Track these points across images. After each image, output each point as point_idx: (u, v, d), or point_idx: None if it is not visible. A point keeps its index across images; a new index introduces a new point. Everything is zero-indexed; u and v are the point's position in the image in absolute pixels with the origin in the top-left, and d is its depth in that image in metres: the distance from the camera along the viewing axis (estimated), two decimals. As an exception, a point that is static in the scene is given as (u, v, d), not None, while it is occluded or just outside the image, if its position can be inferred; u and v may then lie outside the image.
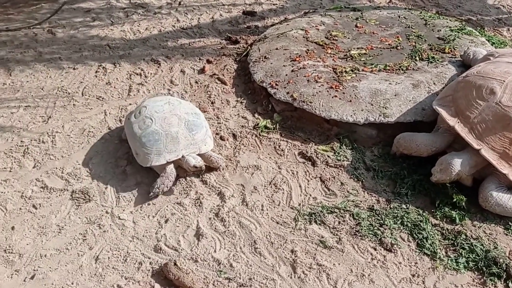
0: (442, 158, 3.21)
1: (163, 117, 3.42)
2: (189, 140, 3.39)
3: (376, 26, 4.76)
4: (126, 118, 3.59)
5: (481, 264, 2.87)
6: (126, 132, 3.56)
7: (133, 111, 3.60)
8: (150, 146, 3.33)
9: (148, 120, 3.41)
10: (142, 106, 3.55)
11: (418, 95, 3.75)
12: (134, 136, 3.40)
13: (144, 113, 3.47)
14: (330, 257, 2.93)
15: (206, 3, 5.64)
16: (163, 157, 3.32)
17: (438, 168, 3.19)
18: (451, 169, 3.13)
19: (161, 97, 3.69)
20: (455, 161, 3.13)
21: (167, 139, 3.35)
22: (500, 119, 3.10)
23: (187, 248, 2.97)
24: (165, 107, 3.50)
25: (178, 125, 3.41)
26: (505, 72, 3.27)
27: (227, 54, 4.70)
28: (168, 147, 3.34)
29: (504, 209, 3.09)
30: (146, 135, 3.35)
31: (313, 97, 3.82)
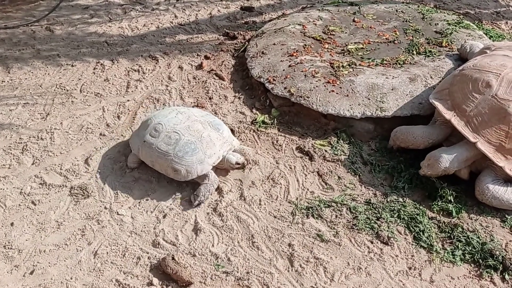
0: (430, 153, 3.22)
1: (187, 126, 3.30)
2: (221, 140, 3.34)
3: (374, 20, 4.76)
4: (140, 142, 3.35)
5: (478, 256, 2.89)
6: (145, 155, 3.32)
7: (142, 133, 3.37)
8: (189, 158, 3.18)
9: (173, 134, 3.26)
10: (155, 124, 3.35)
11: (415, 89, 3.75)
12: (165, 154, 3.22)
13: (163, 129, 3.29)
14: (327, 251, 2.95)
15: (203, -1, 5.66)
16: (206, 163, 3.21)
17: (426, 163, 3.21)
18: (438, 165, 3.15)
19: (167, 110, 3.50)
20: (442, 157, 3.15)
21: (203, 145, 3.24)
22: (496, 112, 3.11)
23: (185, 243, 2.99)
24: (180, 117, 3.37)
25: (205, 129, 3.32)
26: (501, 65, 3.27)
27: (225, 50, 4.71)
28: (207, 152, 3.23)
29: (500, 202, 3.11)
30: (181, 149, 3.19)
31: (310, 92, 3.83)
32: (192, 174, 3.21)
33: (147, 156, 3.31)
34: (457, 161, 3.17)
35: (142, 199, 3.28)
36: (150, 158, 3.30)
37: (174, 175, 3.24)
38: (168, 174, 3.28)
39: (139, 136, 3.40)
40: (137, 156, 3.41)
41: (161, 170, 3.30)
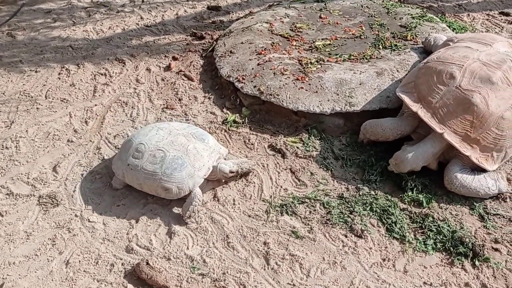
0: (397, 154, 3.28)
1: (170, 141, 3.16)
2: (208, 150, 3.22)
3: (340, 16, 4.80)
4: (123, 166, 3.19)
5: (449, 244, 2.95)
6: (131, 178, 3.16)
7: (124, 156, 3.21)
8: (179, 174, 3.06)
9: (158, 152, 3.11)
10: (136, 144, 3.19)
11: (382, 83, 3.81)
12: (152, 175, 3.07)
13: (146, 148, 3.14)
14: (303, 247, 2.96)
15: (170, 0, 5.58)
16: (197, 176, 3.10)
17: (393, 162, 3.28)
18: (404, 166, 3.24)
19: (146, 128, 3.34)
20: (407, 158, 3.22)
21: (191, 158, 3.11)
22: (461, 103, 3.18)
23: (159, 247, 2.95)
24: (161, 133, 3.22)
25: (189, 141, 3.19)
26: (463, 56, 3.35)
27: (193, 50, 4.68)
28: (196, 165, 3.11)
29: (468, 190, 3.18)
30: (168, 166, 3.06)
31: (280, 89, 3.84)
32: (184, 191, 3.08)
33: (134, 179, 3.15)
34: (422, 159, 3.24)
35: (114, 205, 3.23)
36: (137, 181, 3.14)
37: (165, 194, 3.10)
38: (159, 195, 3.14)
39: (122, 159, 3.23)
40: (121, 179, 3.25)
41: (151, 191, 3.15)
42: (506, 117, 3.14)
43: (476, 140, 3.17)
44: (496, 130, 3.15)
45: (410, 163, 3.23)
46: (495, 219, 3.11)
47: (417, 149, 3.24)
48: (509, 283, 2.75)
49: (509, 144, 3.21)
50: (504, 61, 3.29)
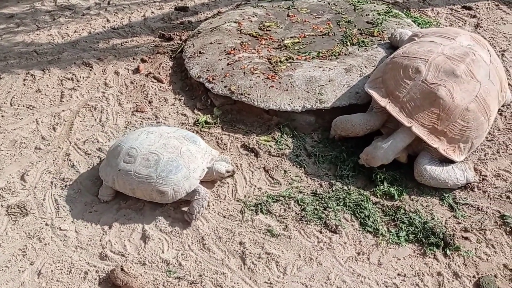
0: (367, 149, 3.34)
1: (162, 144, 3.10)
2: (201, 152, 3.17)
3: (308, 14, 4.84)
4: (114, 172, 3.10)
5: (420, 235, 3.01)
6: (123, 184, 3.08)
7: (114, 161, 3.12)
8: (174, 176, 3.00)
9: (151, 155, 3.05)
10: (127, 149, 3.11)
11: (351, 79, 3.85)
12: (147, 178, 3.00)
13: (138, 153, 3.07)
14: (278, 245, 2.97)
15: (136, 1, 5.51)
16: (193, 178, 3.05)
17: (364, 157, 3.33)
18: (375, 161, 3.29)
19: (135, 133, 3.27)
20: (378, 152, 3.27)
21: (185, 160, 3.06)
22: (427, 96, 3.25)
23: (134, 252, 2.92)
24: (152, 137, 3.16)
25: (182, 144, 3.14)
26: (428, 51, 3.42)
27: (162, 52, 4.63)
28: (191, 167, 3.06)
29: (437, 181, 3.25)
30: (163, 169, 3.01)
31: (250, 89, 3.84)
32: (180, 193, 3.03)
33: (126, 185, 3.07)
34: (392, 153, 3.30)
35: (86, 212, 3.17)
36: (130, 186, 3.06)
37: (160, 198, 3.04)
38: (153, 199, 3.06)
39: (111, 165, 3.13)
40: (111, 188, 3.17)
41: (145, 196, 3.08)
42: (471, 109, 3.23)
43: (443, 132, 3.24)
44: (462, 122, 3.23)
45: (380, 157, 3.28)
46: (464, 208, 3.19)
47: (387, 143, 3.30)
48: (479, 270, 2.83)
49: (474, 135, 3.30)
50: (467, 55, 3.37)
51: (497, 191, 3.27)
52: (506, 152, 3.54)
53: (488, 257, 2.90)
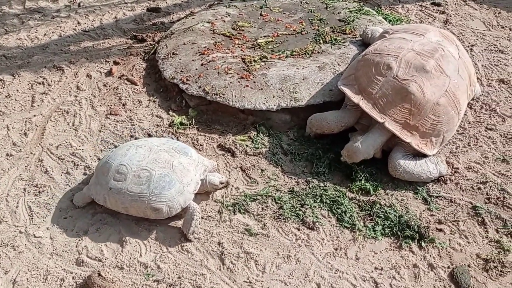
0: (348, 145, 3.37)
1: (153, 159, 3.00)
2: (193, 164, 3.08)
3: (280, 13, 4.85)
4: (104, 190, 3.00)
5: (396, 229, 3.07)
6: (115, 202, 2.99)
7: (103, 179, 3.02)
8: (168, 192, 2.92)
9: (142, 172, 2.95)
10: (116, 166, 3.01)
11: (324, 77, 3.89)
12: (140, 196, 2.91)
13: (128, 170, 2.97)
14: (257, 244, 2.98)
15: (107, 3, 5.44)
16: (187, 192, 2.97)
17: (345, 153, 3.37)
18: (356, 156, 3.33)
19: (123, 148, 3.16)
20: (359, 148, 3.31)
21: (178, 174, 2.97)
22: (399, 92, 3.31)
23: (111, 257, 2.89)
24: (141, 152, 3.06)
25: (173, 157, 3.04)
26: (398, 47, 3.48)
27: (135, 54, 4.58)
28: (184, 181, 2.98)
29: (411, 175, 3.31)
30: (156, 185, 2.91)
31: (225, 88, 3.84)
32: (176, 209, 2.95)
33: (118, 203, 2.98)
34: (373, 148, 3.35)
35: (61, 218, 3.12)
36: (123, 205, 2.97)
37: (155, 215, 2.96)
38: (148, 216, 2.98)
39: (101, 184, 3.03)
40: (89, 196, 3.10)
41: (138, 214, 2.99)
42: (441, 103, 3.30)
43: (415, 127, 3.30)
44: (433, 116, 3.30)
45: (362, 153, 3.32)
46: (437, 201, 3.26)
47: (367, 139, 3.34)
48: (453, 261, 2.90)
49: (446, 128, 3.37)
50: (436, 50, 3.45)
51: (469, 183, 3.35)
52: (476, 144, 3.63)
53: (461, 248, 2.97)
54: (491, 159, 3.50)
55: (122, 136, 3.71)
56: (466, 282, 2.76)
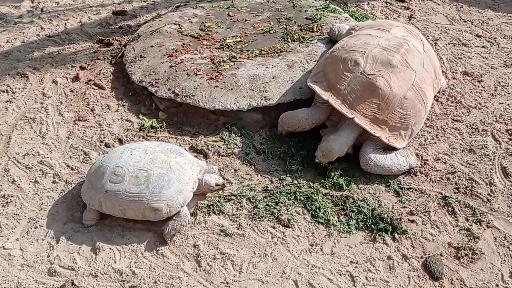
0: (321, 145, 3.39)
1: (150, 159, 2.98)
2: (189, 164, 3.08)
3: (248, 12, 4.86)
4: (100, 194, 2.95)
5: (370, 222, 3.11)
6: (111, 206, 2.94)
7: (99, 183, 2.97)
8: (167, 191, 2.90)
9: (140, 172, 2.92)
10: (112, 168, 2.96)
11: (294, 75, 3.91)
12: (139, 196, 2.88)
13: (125, 171, 2.93)
14: (233, 244, 2.98)
15: (71, 7, 5.33)
16: (186, 191, 2.96)
17: (320, 153, 3.39)
18: (331, 155, 3.36)
19: (117, 151, 3.11)
20: (333, 147, 3.34)
21: (176, 174, 2.96)
22: (367, 87, 3.36)
23: (85, 265, 2.83)
24: (136, 153, 3.03)
25: (169, 157, 3.03)
26: (365, 43, 3.53)
27: (101, 58, 4.51)
28: (182, 180, 2.96)
29: (382, 169, 3.37)
30: (155, 184, 2.89)
31: (195, 90, 3.82)
32: (175, 208, 2.92)
33: (115, 206, 2.93)
34: (346, 145, 3.39)
35: (31, 228, 3.05)
36: (120, 207, 2.92)
37: (154, 215, 2.91)
38: (146, 217, 2.94)
39: (96, 188, 2.98)
40: (97, 211, 3.02)
41: (137, 216, 2.94)
42: (408, 97, 3.36)
43: (384, 121, 3.36)
44: (401, 110, 3.36)
45: (337, 151, 3.34)
46: (408, 193, 3.32)
47: (339, 137, 3.38)
48: (426, 251, 2.96)
49: (414, 121, 3.44)
50: (401, 45, 3.51)
51: (438, 173, 3.42)
52: (444, 136, 3.71)
53: (433, 237, 3.03)
54: (458, 150, 3.59)
55: (92, 142, 3.65)
56: (439, 271, 2.82)
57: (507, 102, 3.98)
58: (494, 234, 3.04)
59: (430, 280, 2.80)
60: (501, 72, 4.31)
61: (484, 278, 2.81)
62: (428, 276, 2.82)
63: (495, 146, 3.60)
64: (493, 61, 4.44)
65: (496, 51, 4.58)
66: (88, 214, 3.05)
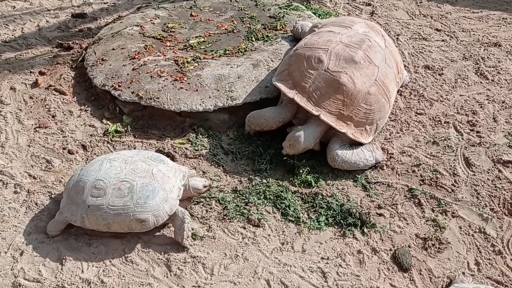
0: (289, 135, 3.41)
1: (131, 170, 2.90)
2: (172, 170, 3.00)
3: (211, 12, 4.82)
4: (82, 209, 2.84)
5: (339, 218, 3.13)
6: (95, 221, 2.84)
7: (79, 198, 2.86)
8: (152, 201, 2.82)
9: (122, 184, 2.84)
10: (93, 182, 2.86)
11: (259, 74, 3.91)
12: (123, 209, 2.79)
13: (106, 184, 2.84)
14: (203, 247, 2.95)
15: (28, 11, 5.17)
16: (171, 199, 2.89)
17: (287, 143, 3.39)
18: (299, 145, 3.36)
19: (94, 164, 3.00)
20: (301, 137, 3.35)
21: (160, 182, 2.88)
22: (331, 84, 3.38)
23: (51, 276, 2.75)
24: (116, 164, 2.93)
25: (151, 165, 2.95)
26: (327, 40, 3.56)
27: (62, 62, 4.39)
28: (167, 188, 2.89)
29: (349, 164, 3.40)
30: (139, 195, 2.81)
31: (159, 92, 3.76)
32: (162, 217, 2.85)
33: (99, 221, 2.83)
34: (313, 137, 3.40)
35: (-8, 241, 2.94)
36: (104, 222, 2.82)
37: (141, 227, 2.84)
38: (132, 229, 2.86)
39: (76, 203, 2.87)
40: (61, 223, 2.93)
41: (122, 229, 2.86)
42: (372, 92, 3.41)
43: (350, 117, 3.39)
44: (365, 106, 3.40)
45: (304, 141, 3.35)
46: (376, 187, 3.37)
47: (308, 128, 3.39)
48: (395, 243, 3.00)
49: (378, 116, 3.48)
50: (363, 41, 3.55)
51: (404, 166, 3.48)
52: (408, 129, 3.78)
53: (401, 230, 3.08)
54: (422, 142, 3.66)
55: (54, 149, 3.55)
56: (407, 262, 2.87)
57: (467, 94, 4.09)
58: (459, 223, 3.11)
59: (399, 272, 2.85)
60: (461, 64, 4.42)
61: (451, 267, 2.88)
62: (398, 268, 2.87)
63: (457, 137, 3.69)
64: (453, 54, 4.55)
65: (455, 45, 4.70)
66: (54, 224, 2.96)
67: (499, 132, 3.72)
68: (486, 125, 3.78)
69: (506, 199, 3.22)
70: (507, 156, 3.50)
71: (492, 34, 4.83)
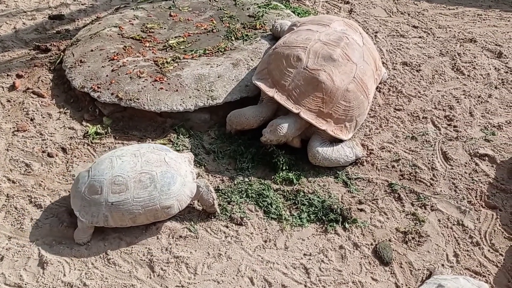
0: (272, 121, 3.45)
1: (145, 162, 2.94)
2: (180, 157, 3.12)
3: (190, 12, 4.81)
4: (104, 208, 2.84)
5: (320, 214, 3.17)
6: (120, 217, 2.86)
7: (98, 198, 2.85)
8: (174, 187, 2.92)
9: (142, 175, 2.89)
10: (112, 178, 2.86)
11: (239, 73, 3.92)
12: (150, 199, 2.86)
13: (126, 178, 2.86)
14: (186, 247, 2.95)
15: (4, 13, 5.09)
16: (189, 182, 3.02)
17: (268, 129, 3.42)
18: (279, 131, 3.37)
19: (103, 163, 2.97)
20: (282, 124, 3.39)
21: (175, 169, 2.98)
22: (310, 82, 3.42)
23: (32, 281, 2.73)
24: (126, 159, 2.95)
25: (160, 155, 3.02)
26: (306, 39, 3.59)
27: (39, 65, 4.33)
28: (182, 173, 3.00)
29: (330, 161, 3.44)
30: (162, 183, 2.89)
31: (139, 93, 3.75)
32: (185, 201, 2.98)
33: (125, 215, 2.85)
34: (294, 128, 3.43)
35: (-29, 247, 2.90)
36: (130, 215, 2.85)
37: (166, 214, 2.94)
38: (158, 218, 2.94)
39: (96, 204, 2.85)
40: (89, 227, 2.90)
41: (148, 219, 2.92)
42: (351, 89, 3.45)
43: (329, 114, 3.43)
44: (344, 103, 3.44)
45: (285, 128, 3.37)
46: (356, 182, 3.41)
47: (290, 118, 3.42)
48: (376, 237, 3.05)
49: (357, 113, 3.53)
50: (341, 39, 3.59)
51: (383, 162, 3.54)
52: (387, 125, 3.83)
53: (382, 224, 3.13)
54: (401, 138, 3.72)
55: (33, 152, 3.51)
56: (388, 256, 2.91)
57: (444, 90, 4.17)
58: (438, 216, 3.17)
59: (380, 266, 2.90)
60: (438, 60, 4.49)
61: (430, 259, 2.93)
62: (379, 262, 2.91)
63: (435, 132, 3.76)
64: (430, 51, 4.62)
65: (432, 41, 4.78)
66: (80, 233, 2.92)
67: (476, 126, 3.80)
68: (463, 120, 3.85)
69: (483, 191, 3.29)
70: (483, 150, 3.58)
71: (468, 30, 4.92)
